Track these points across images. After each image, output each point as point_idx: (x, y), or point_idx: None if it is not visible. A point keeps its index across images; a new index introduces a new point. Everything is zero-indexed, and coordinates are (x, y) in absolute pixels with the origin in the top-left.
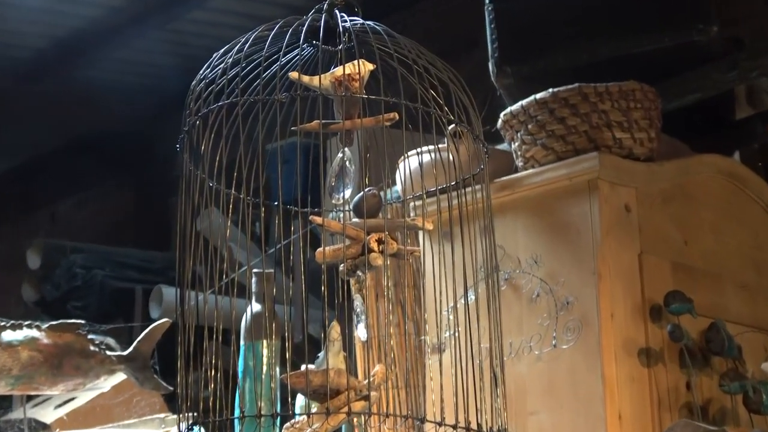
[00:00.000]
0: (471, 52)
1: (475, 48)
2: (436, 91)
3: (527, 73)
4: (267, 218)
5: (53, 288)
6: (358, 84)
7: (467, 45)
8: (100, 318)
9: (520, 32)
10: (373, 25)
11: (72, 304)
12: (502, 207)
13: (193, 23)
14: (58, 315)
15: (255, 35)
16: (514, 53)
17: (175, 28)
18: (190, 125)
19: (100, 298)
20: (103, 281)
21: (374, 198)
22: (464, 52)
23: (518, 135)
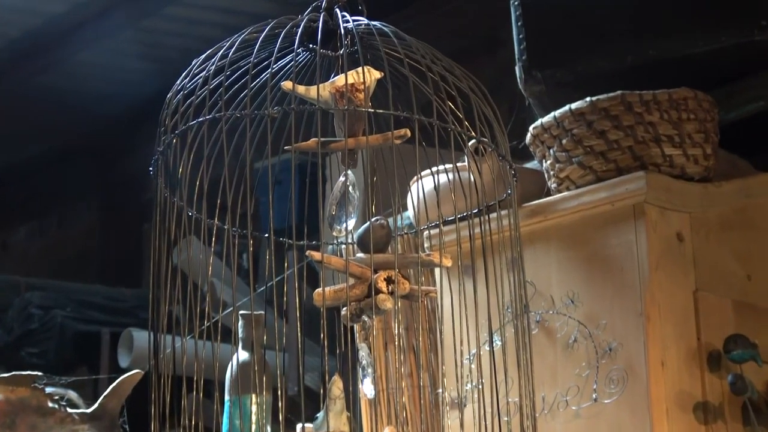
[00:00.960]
0: (493, 53)
1: (498, 48)
2: (454, 103)
3: (561, 79)
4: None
5: (4, 332)
6: (362, 95)
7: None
8: (60, 367)
9: (553, 30)
10: (379, 25)
11: (27, 351)
12: (533, 236)
13: (168, 20)
14: (10, 365)
15: (242, 38)
16: (546, 55)
17: (148, 26)
18: (165, 144)
19: (60, 343)
20: (64, 323)
21: (382, 229)
22: (485, 54)
23: (550, 152)
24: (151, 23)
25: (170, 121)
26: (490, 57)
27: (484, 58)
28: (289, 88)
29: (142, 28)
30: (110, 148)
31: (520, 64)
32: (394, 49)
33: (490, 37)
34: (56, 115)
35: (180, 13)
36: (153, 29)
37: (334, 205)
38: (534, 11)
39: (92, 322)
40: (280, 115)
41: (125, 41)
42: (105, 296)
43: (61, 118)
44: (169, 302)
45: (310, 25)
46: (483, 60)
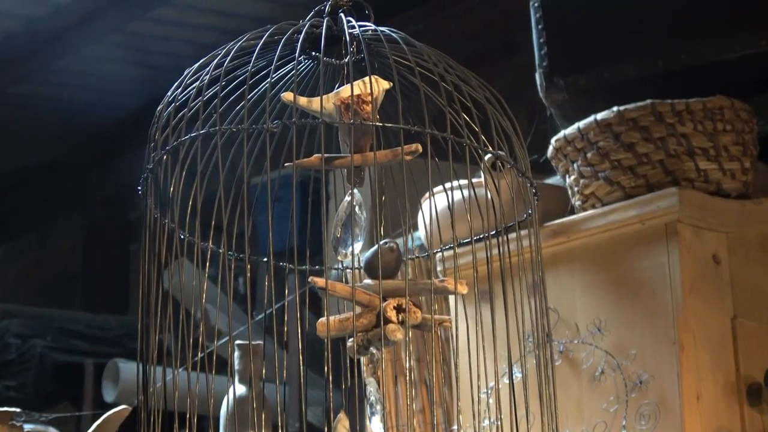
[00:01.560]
0: (510, 59)
1: (515, 53)
2: (469, 116)
3: (585, 86)
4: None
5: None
6: (369, 107)
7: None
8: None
9: (576, 34)
10: (388, 31)
11: (3, 384)
12: (555, 259)
13: (156, 23)
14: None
15: (239, 45)
16: (569, 61)
17: (136, 30)
18: (155, 162)
19: (40, 375)
20: (44, 354)
21: (392, 253)
22: (501, 59)
23: (574, 166)
24: (140, 27)
25: (160, 135)
26: (506, 62)
27: (499, 63)
28: (290, 100)
29: (130, 32)
30: (94, 162)
31: (541, 70)
32: (403, 57)
33: (506, 40)
34: (36, 126)
35: (171, 16)
36: (141, 33)
37: (339, 227)
38: (556, 13)
39: (75, 353)
40: (279, 130)
41: (111, 46)
42: (89, 324)
43: (41, 130)
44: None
45: (313, 31)
46: (498, 66)
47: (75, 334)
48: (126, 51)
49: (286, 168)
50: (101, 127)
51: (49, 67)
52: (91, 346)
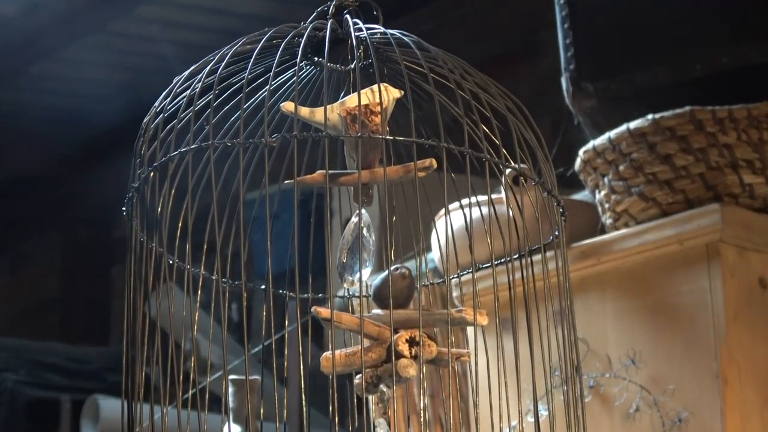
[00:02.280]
0: (532, 61)
1: (537, 55)
2: (489, 127)
3: (616, 92)
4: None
5: None
6: (379, 119)
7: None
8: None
9: (607, 34)
10: (398, 34)
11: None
12: (584, 283)
13: (140, 22)
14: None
15: (234, 50)
16: (598, 64)
17: (118, 30)
18: (141, 180)
19: (12, 413)
20: (16, 389)
21: (404, 280)
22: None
23: (605, 180)
24: (122, 26)
25: (147, 150)
26: (527, 65)
27: (519, 66)
28: (291, 111)
29: (112, 32)
30: (73, 177)
31: (567, 74)
32: (416, 63)
33: (527, 41)
34: (6, 136)
35: (156, 14)
36: (124, 33)
37: (345, 252)
38: (584, 11)
39: (50, 388)
40: (279, 143)
41: (91, 48)
42: (66, 356)
43: (13, 141)
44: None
45: (316, 34)
46: (518, 69)
47: (51, 367)
48: (107, 53)
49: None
50: (80, 138)
51: (21, 72)
52: (69, 381)
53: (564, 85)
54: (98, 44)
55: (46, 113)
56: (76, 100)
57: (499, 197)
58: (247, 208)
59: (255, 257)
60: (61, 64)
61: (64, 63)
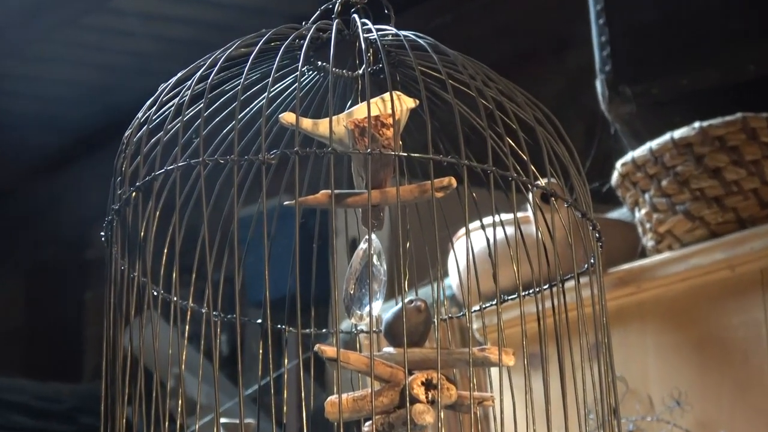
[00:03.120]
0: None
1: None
2: (516, 141)
3: (658, 97)
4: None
5: None
6: (391, 132)
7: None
8: None
9: (647, 31)
10: (412, 36)
11: None
12: (622, 314)
13: (118, 16)
14: None
15: (228, 54)
16: (638, 64)
17: (91, 24)
18: (122, 201)
19: None
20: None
21: (419, 314)
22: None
23: (645, 197)
24: (97, 20)
25: (129, 166)
26: (556, 65)
27: (547, 66)
28: (291, 122)
29: (85, 27)
30: (41, 191)
31: (603, 76)
32: (432, 68)
33: (557, 37)
34: None
35: (135, 6)
36: (99, 27)
37: (352, 282)
38: (622, 4)
39: (16, 431)
40: (277, 161)
41: (61, 45)
42: (34, 394)
43: None
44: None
45: (319, 35)
46: (546, 70)
47: (16, 407)
48: (79, 50)
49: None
50: (49, 146)
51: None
52: (37, 422)
53: (599, 89)
54: (69, 40)
55: (8, 118)
56: (44, 104)
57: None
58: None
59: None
60: (27, 63)
61: (31, 62)
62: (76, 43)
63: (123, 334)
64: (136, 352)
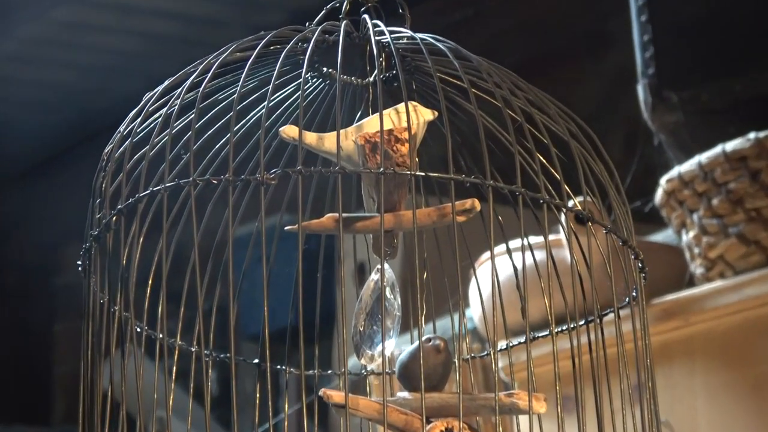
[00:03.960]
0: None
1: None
2: (549, 159)
3: (708, 104)
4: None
5: None
6: (406, 148)
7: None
8: None
9: (696, 30)
10: (430, 39)
11: None
12: (668, 350)
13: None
14: None
15: (222, 59)
16: (685, 67)
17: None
18: (102, 226)
19: None
20: None
21: (438, 354)
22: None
23: (693, 217)
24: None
25: (110, 185)
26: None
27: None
28: (294, 137)
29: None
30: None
31: (645, 80)
32: (453, 75)
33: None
34: None
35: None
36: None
37: (362, 318)
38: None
39: None
40: (277, 181)
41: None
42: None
43: None
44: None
45: (325, 38)
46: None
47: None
48: (51, 48)
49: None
50: (14, 158)
51: None
52: None
53: (641, 95)
54: (37, 37)
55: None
56: (7, 108)
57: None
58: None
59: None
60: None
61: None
62: (44, 41)
63: (102, 374)
64: (117, 395)
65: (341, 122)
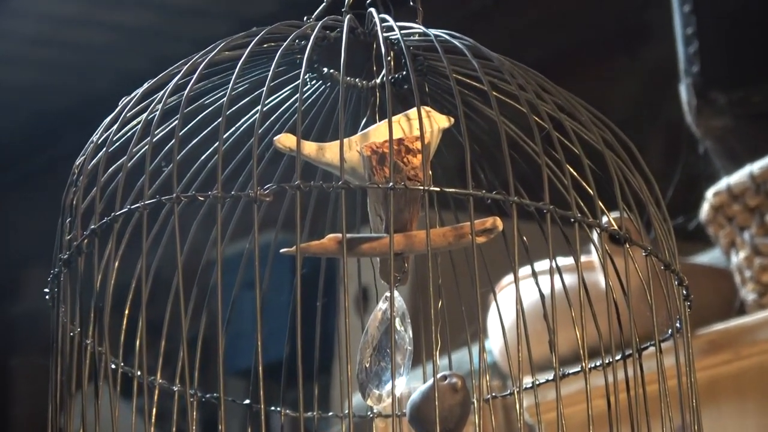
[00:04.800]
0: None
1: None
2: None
3: (761, 107)
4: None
5: None
6: (418, 159)
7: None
8: None
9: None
10: (445, 36)
11: None
12: (716, 387)
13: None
14: None
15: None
16: (735, 65)
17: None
18: (73, 249)
19: None
20: None
21: (455, 394)
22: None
23: (744, 236)
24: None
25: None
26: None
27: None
28: (291, 147)
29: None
30: None
31: (689, 80)
32: (471, 76)
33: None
34: None
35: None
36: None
37: (369, 353)
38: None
39: None
40: (272, 198)
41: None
42: None
43: None
44: None
45: (326, 35)
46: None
47: None
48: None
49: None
50: None
51: None
52: None
53: (684, 96)
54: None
55: None
56: None
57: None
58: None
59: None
60: None
61: None
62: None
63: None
64: None
65: (344, 130)
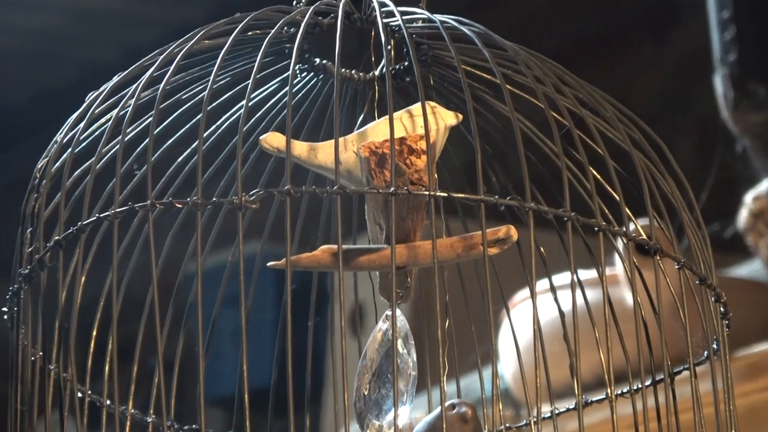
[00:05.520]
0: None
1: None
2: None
3: None
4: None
5: None
6: (422, 161)
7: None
8: None
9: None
10: (453, 22)
11: None
12: (757, 415)
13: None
14: None
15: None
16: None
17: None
18: (35, 263)
19: None
20: None
21: (465, 425)
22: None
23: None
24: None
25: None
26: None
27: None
28: (279, 147)
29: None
30: None
31: (725, 69)
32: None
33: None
34: None
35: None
36: None
37: (367, 379)
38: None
39: None
40: (259, 205)
41: None
42: None
43: None
44: None
45: (318, 21)
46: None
47: None
48: None
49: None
50: None
51: None
52: None
53: (719, 88)
54: None
55: None
56: None
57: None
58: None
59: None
60: None
61: None
62: None
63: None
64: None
65: (340, 128)
